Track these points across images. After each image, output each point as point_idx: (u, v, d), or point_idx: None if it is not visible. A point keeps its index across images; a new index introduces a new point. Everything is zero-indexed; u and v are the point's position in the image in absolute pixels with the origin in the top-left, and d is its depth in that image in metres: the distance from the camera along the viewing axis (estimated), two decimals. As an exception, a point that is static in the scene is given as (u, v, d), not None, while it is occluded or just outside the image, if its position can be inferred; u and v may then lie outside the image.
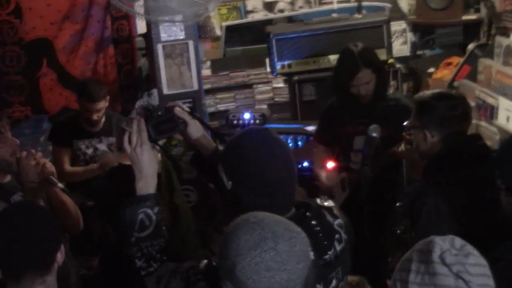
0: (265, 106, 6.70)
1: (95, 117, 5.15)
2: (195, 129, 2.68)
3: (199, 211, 3.92)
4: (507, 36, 5.92)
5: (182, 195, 4.00)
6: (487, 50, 6.18)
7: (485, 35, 6.55)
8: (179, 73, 3.63)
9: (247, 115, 5.84)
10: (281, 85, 6.56)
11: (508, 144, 2.49)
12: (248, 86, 6.73)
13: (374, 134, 3.79)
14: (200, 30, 6.71)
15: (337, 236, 2.45)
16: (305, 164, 5.58)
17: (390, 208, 4.42)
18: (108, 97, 5.23)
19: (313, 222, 2.38)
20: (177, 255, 2.90)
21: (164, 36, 3.55)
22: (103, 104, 5.16)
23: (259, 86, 6.71)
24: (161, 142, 2.77)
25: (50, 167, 3.39)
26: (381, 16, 6.16)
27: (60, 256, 2.40)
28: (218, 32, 6.69)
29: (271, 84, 6.67)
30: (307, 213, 2.39)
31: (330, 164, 4.64)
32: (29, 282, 2.33)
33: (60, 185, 3.38)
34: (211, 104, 6.71)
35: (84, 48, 6.43)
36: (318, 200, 2.59)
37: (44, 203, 3.37)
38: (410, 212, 3.33)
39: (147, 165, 2.46)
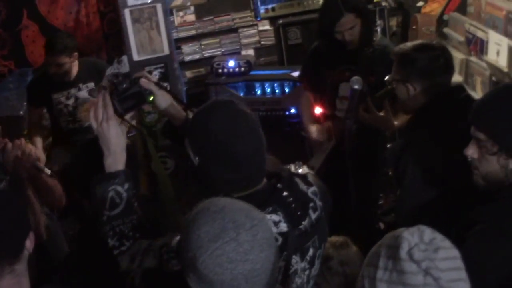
0: (251, 52, 6.60)
1: (60, 70, 5.05)
2: (163, 100, 2.63)
3: (177, 177, 3.88)
4: (497, -34, 5.75)
5: (159, 162, 3.94)
6: (476, -18, 6.03)
7: (474, -34, 6.36)
8: (148, 38, 3.52)
9: (231, 63, 5.76)
10: (267, 27, 6.42)
11: (491, 96, 2.43)
12: (233, 30, 6.58)
13: (356, 86, 3.71)
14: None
15: (311, 204, 2.42)
16: (292, 110, 5.54)
17: (375, 159, 4.43)
18: (74, 54, 5.10)
19: (285, 193, 2.34)
20: (157, 223, 2.89)
21: (131, 0, 3.41)
22: (63, 59, 5.02)
23: (245, 30, 6.56)
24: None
25: (35, 153, 3.32)
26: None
27: (29, 244, 2.34)
28: (199, -24, 6.53)
29: (257, 27, 6.52)
30: (278, 184, 2.35)
31: (318, 110, 4.58)
32: None
33: (47, 170, 3.32)
34: (197, 50, 6.59)
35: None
36: (292, 167, 2.54)
37: (30, 187, 3.32)
38: (395, 169, 3.29)
39: (115, 140, 2.40)
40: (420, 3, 6.57)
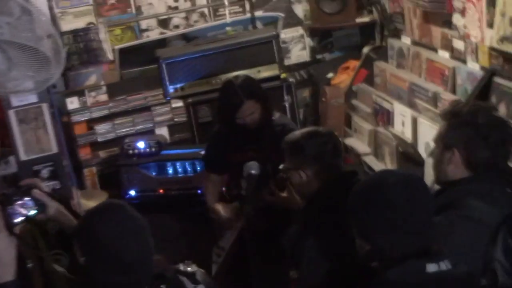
0: (165, 129, 6.60)
1: None
2: (52, 208, 2.67)
3: (73, 273, 3.80)
4: (399, 37, 5.93)
5: (51, 261, 3.86)
6: (382, 53, 6.19)
7: (379, 37, 6.55)
8: (35, 137, 3.50)
9: (141, 144, 5.76)
10: (180, 104, 6.44)
11: (356, 193, 2.47)
12: (146, 108, 6.58)
13: (253, 172, 3.75)
14: (93, 55, 6.55)
15: None
16: (204, 189, 5.53)
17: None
18: None
19: None
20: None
21: (15, 101, 3.41)
22: None
23: (157, 107, 6.57)
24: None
25: None
26: (270, 32, 6.10)
27: None
28: (110, 56, 6.52)
29: (169, 105, 6.54)
30: (162, 286, 2.38)
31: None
32: None
33: None
34: (110, 130, 6.55)
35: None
36: (181, 266, 2.56)
37: None
38: (291, 255, 3.32)
39: (3, 252, 2.37)
40: (330, 75, 6.70)
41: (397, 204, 2.33)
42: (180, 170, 5.73)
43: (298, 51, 7.00)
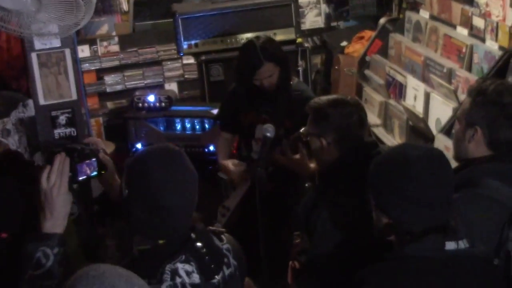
0: (174, 85, 6.59)
1: None
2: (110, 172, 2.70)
3: (81, 223, 3.83)
4: (417, 11, 5.88)
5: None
6: (398, 25, 6.15)
7: (397, 9, 6.50)
8: (56, 82, 3.48)
9: (151, 98, 5.74)
10: (192, 61, 6.41)
11: (378, 165, 2.45)
12: (157, 62, 6.58)
13: (268, 134, 3.73)
14: (107, 5, 6.51)
15: (225, 260, 2.45)
16: (212, 148, 5.54)
17: (291, 199, 4.46)
18: None
19: (199, 244, 2.37)
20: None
21: (38, 44, 3.38)
22: None
23: (169, 63, 6.55)
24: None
25: None
26: (289, -5, 6.05)
27: None
28: (125, 7, 6.48)
29: (181, 61, 6.53)
30: (192, 235, 2.38)
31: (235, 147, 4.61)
32: None
33: None
34: (119, 81, 6.55)
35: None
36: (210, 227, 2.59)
37: None
38: (305, 223, 3.32)
39: (60, 207, 2.39)
40: (343, 43, 6.66)
41: (419, 177, 2.31)
42: (188, 127, 5.72)
43: (313, 17, 6.97)
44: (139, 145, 5.74)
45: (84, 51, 6.43)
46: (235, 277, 2.48)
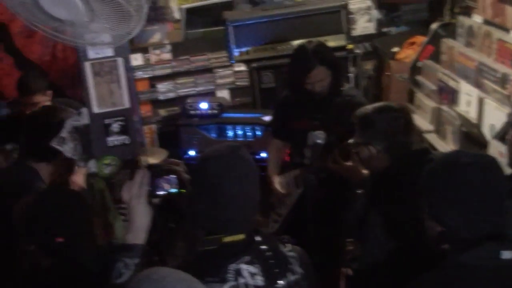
0: (226, 92, 6.62)
1: (28, 110, 4.95)
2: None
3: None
4: (470, 15, 5.81)
5: (116, 213, 3.96)
6: (450, 30, 6.08)
7: (449, 14, 6.42)
8: (109, 91, 3.54)
9: (203, 105, 5.78)
10: (243, 68, 6.44)
11: (430, 173, 2.43)
12: (209, 70, 6.62)
13: (319, 141, 3.73)
14: (159, 13, 6.58)
15: (290, 266, 2.43)
16: (263, 154, 5.54)
17: (344, 206, 4.44)
18: (48, 92, 5.02)
19: (263, 247, 2.38)
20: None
21: (91, 53, 3.45)
22: (39, 98, 4.93)
23: (220, 70, 6.59)
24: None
25: None
26: (339, 1, 6.04)
27: None
28: (177, 15, 6.54)
29: (232, 68, 6.55)
30: (257, 238, 2.39)
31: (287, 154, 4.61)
32: None
33: None
34: (171, 89, 6.61)
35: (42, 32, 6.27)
36: None
37: None
38: (357, 229, 3.33)
39: (140, 218, 2.43)
40: (395, 49, 6.61)
41: (472, 184, 2.29)
42: (240, 134, 5.74)
43: (364, 22, 6.92)
44: (191, 152, 5.79)
45: (137, 59, 6.51)
46: (300, 286, 2.45)
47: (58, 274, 2.70)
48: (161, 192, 2.49)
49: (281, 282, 2.36)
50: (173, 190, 2.50)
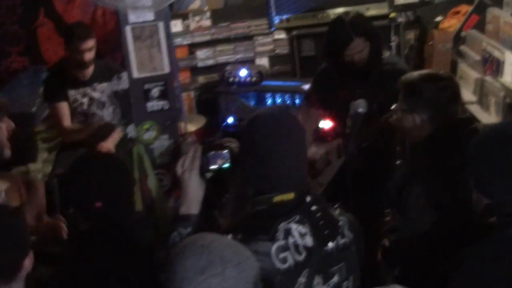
0: (265, 60, 6.56)
1: (87, 57, 4.98)
2: None
3: (172, 195, 3.89)
4: (517, -16, 5.68)
5: (155, 179, 3.95)
6: (496, -1, 5.96)
7: (495, -18, 6.28)
8: (149, 55, 3.51)
9: (243, 72, 5.74)
10: (283, 36, 6.38)
11: (477, 144, 2.36)
12: (248, 37, 6.56)
13: (360, 110, 3.67)
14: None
15: (340, 230, 2.40)
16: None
17: (383, 175, 4.39)
18: (95, 39, 5.07)
19: (314, 208, 2.35)
20: (150, 240, 2.89)
21: (132, 17, 3.41)
22: (92, 43, 4.98)
23: (260, 38, 6.52)
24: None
25: None
26: (382, -32, 5.94)
27: (28, 263, 2.34)
28: (217, -20, 6.51)
29: (272, 36, 6.49)
30: (308, 198, 2.36)
31: (328, 124, 4.54)
32: None
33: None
34: (210, 56, 6.58)
35: (83, -5, 6.29)
36: None
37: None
38: (398, 199, 3.26)
39: (192, 190, 2.48)
40: (438, 18, 6.49)
41: None
42: (279, 102, 5.69)
43: (407, -9, 6.79)
44: (229, 120, 5.76)
45: (176, 25, 6.48)
46: (350, 250, 2.42)
47: (96, 237, 2.72)
48: (214, 167, 2.53)
49: (330, 244, 2.34)
50: (226, 165, 2.53)
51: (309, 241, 2.28)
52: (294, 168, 2.34)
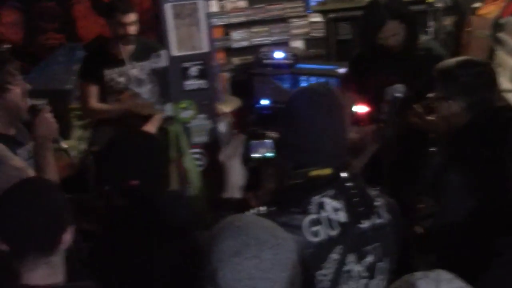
0: (300, 43, 6.53)
1: (131, 31, 4.98)
2: None
3: (209, 175, 3.89)
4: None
5: (191, 158, 3.95)
6: (538, -16, 5.87)
7: (537, -31, 6.18)
8: (188, 34, 3.50)
9: (278, 54, 5.72)
10: (319, 19, 6.34)
11: None
12: (284, 19, 6.53)
13: (398, 94, 3.64)
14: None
15: (376, 209, 2.36)
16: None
17: (417, 163, 4.36)
18: (137, 13, 5.06)
19: (349, 184, 2.31)
20: (185, 219, 2.90)
21: (172, -5, 3.42)
22: (135, 17, 4.98)
23: (295, 20, 6.49)
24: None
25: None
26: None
27: (68, 237, 2.35)
28: (254, -37, 6.48)
29: (308, 19, 6.46)
30: (344, 174, 2.33)
31: (363, 109, 4.51)
32: (32, 262, 2.28)
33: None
34: (245, 37, 6.57)
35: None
36: None
37: None
38: (434, 186, 3.25)
39: (233, 177, 2.52)
40: (477, 4, 6.42)
41: None
42: (314, 85, 5.66)
43: (447, -24, 6.71)
44: (263, 101, 5.76)
45: (212, 6, 6.47)
46: (387, 231, 2.37)
47: (132, 214, 2.73)
48: (257, 155, 2.55)
49: (365, 222, 2.30)
50: (269, 154, 2.55)
51: (342, 217, 2.25)
52: (333, 143, 2.33)
